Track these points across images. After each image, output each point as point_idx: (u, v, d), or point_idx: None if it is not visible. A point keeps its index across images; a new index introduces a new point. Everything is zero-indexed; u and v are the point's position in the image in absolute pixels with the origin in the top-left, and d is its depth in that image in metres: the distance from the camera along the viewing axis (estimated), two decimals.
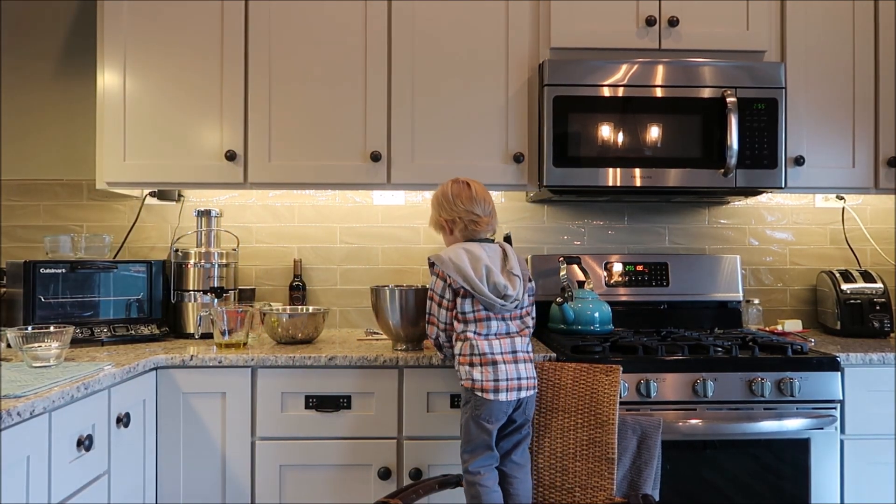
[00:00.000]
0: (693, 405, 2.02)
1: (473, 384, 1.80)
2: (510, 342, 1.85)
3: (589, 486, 1.89)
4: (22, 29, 2.71)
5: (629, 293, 2.64)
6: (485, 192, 1.95)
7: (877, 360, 2.10)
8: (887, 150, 2.46)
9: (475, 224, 1.92)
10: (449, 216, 1.94)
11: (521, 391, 1.82)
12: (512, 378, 1.81)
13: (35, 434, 1.45)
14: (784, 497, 2.04)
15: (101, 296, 2.32)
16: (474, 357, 1.81)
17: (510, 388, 1.80)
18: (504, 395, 1.79)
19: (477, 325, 1.84)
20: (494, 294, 1.82)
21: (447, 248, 1.93)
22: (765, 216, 2.81)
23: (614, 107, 2.33)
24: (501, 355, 1.82)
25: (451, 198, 1.93)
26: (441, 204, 1.95)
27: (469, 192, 1.92)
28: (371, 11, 2.38)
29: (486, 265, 1.84)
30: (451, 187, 1.95)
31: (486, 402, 1.79)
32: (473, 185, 1.94)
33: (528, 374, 1.85)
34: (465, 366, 1.83)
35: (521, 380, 1.83)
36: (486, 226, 1.93)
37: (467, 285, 1.82)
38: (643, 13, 2.39)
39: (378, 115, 2.38)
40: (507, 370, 1.81)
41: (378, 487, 2.04)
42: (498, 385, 1.79)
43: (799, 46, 2.45)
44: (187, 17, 2.37)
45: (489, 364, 1.80)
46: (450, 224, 1.94)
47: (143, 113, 2.37)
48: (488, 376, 1.80)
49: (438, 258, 1.89)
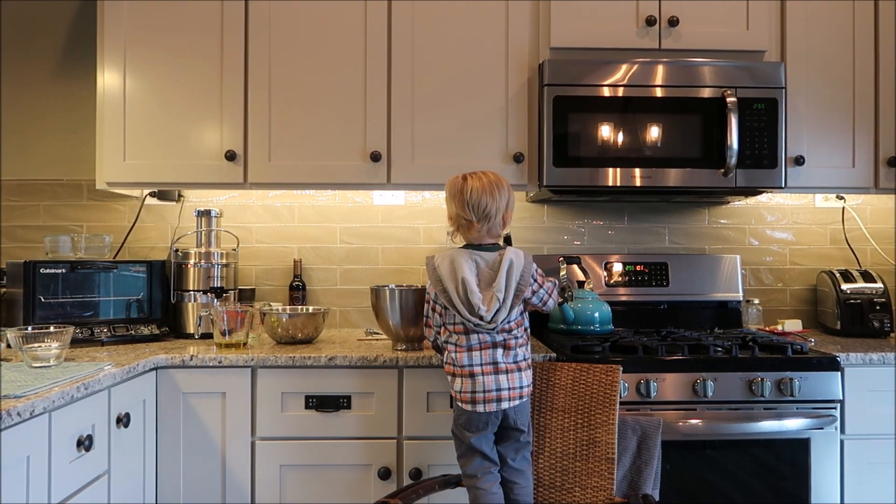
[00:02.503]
0: (693, 405, 2.02)
1: (455, 394, 1.80)
2: (491, 353, 1.78)
3: (589, 486, 1.89)
4: (22, 29, 2.71)
5: (629, 293, 2.64)
6: (485, 191, 1.78)
7: (877, 360, 2.10)
8: (887, 149, 2.46)
9: (466, 230, 1.83)
10: (448, 214, 1.87)
11: (500, 402, 1.76)
12: (490, 390, 1.75)
13: (35, 434, 1.45)
14: (784, 497, 2.03)
15: (101, 296, 2.32)
16: (455, 368, 1.79)
17: (488, 400, 1.75)
18: (482, 406, 1.75)
19: (457, 336, 1.80)
20: (469, 312, 1.74)
21: (444, 251, 1.87)
22: (765, 216, 2.81)
23: (614, 107, 2.33)
24: (481, 366, 1.77)
25: (448, 196, 1.84)
26: (446, 199, 1.87)
27: (462, 193, 1.79)
28: (371, 11, 2.38)
29: (464, 278, 1.74)
30: (450, 184, 1.84)
31: (465, 412, 1.79)
32: (470, 183, 1.79)
33: (512, 385, 1.77)
34: (448, 374, 1.82)
35: (502, 391, 1.76)
36: (478, 232, 1.80)
37: (443, 298, 1.78)
38: (643, 13, 2.39)
39: (378, 115, 2.38)
40: (485, 382, 1.75)
41: (378, 487, 2.04)
42: (475, 397, 1.76)
43: (799, 46, 2.45)
44: (187, 17, 2.37)
45: (467, 376, 1.77)
46: (450, 222, 1.87)
47: (143, 113, 2.37)
48: (466, 387, 1.77)
49: (429, 262, 1.84)
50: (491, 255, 1.81)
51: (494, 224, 1.82)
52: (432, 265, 1.83)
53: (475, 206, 1.78)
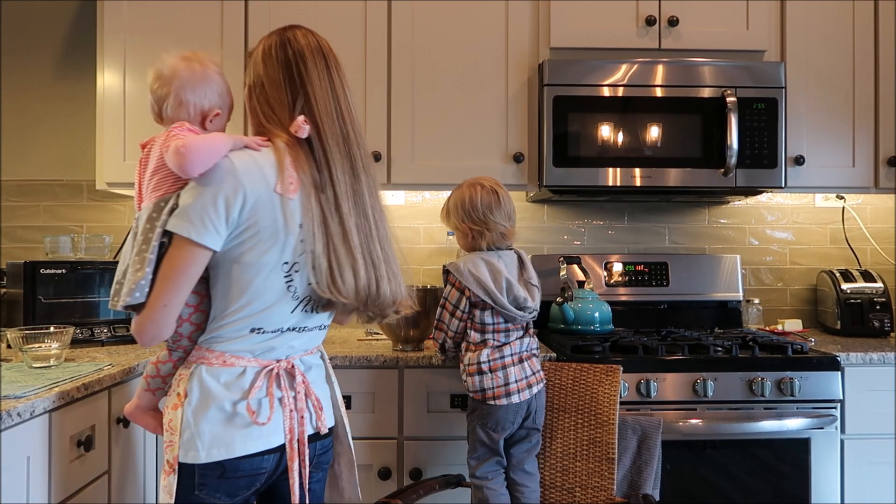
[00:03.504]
0: (693, 405, 2.02)
1: (484, 394, 1.80)
2: (518, 344, 1.87)
3: (589, 485, 1.89)
4: (22, 29, 2.71)
5: (629, 293, 2.64)
6: (508, 196, 1.90)
7: (877, 359, 2.10)
8: (887, 149, 2.46)
9: (503, 236, 1.89)
10: (476, 226, 1.87)
11: (531, 388, 1.84)
12: (521, 379, 1.82)
13: (35, 434, 1.45)
14: (784, 497, 2.04)
15: (102, 296, 2.32)
16: (483, 365, 1.81)
17: (521, 389, 1.82)
18: (516, 396, 1.81)
19: (495, 335, 1.85)
20: (514, 306, 1.83)
21: (465, 257, 1.89)
22: (765, 216, 2.81)
23: (614, 107, 2.33)
24: (511, 357, 1.83)
25: (481, 208, 1.86)
26: (468, 212, 1.87)
27: (499, 203, 1.87)
28: (371, 11, 2.38)
29: (507, 278, 1.83)
30: (481, 196, 1.86)
31: (495, 411, 1.80)
32: (501, 194, 1.88)
33: (535, 369, 1.88)
34: (473, 375, 1.82)
35: (529, 377, 1.85)
36: (513, 235, 1.91)
37: (488, 299, 1.82)
38: (643, 13, 2.39)
39: (378, 115, 2.38)
40: (515, 372, 1.82)
41: (378, 487, 2.04)
42: (509, 388, 1.80)
43: (799, 46, 2.45)
44: (187, 17, 2.37)
45: (499, 370, 1.81)
46: (475, 233, 1.88)
47: (143, 113, 2.34)
48: (499, 382, 1.80)
49: (456, 269, 1.85)
50: (510, 253, 1.92)
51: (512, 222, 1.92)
52: (462, 270, 1.84)
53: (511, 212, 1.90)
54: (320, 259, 1.33)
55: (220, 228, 1.27)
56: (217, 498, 1.33)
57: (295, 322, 1.40)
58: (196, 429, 1.32)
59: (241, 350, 1.36)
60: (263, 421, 1.33)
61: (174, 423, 1.33)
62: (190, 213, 1.27)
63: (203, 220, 1.26)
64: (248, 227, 1.29)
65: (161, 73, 1.47)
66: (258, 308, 1.34)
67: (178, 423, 1.33)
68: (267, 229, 1.30)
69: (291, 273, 1.35)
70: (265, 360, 1.38)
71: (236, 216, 1.28)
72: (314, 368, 1.49)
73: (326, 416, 1.48)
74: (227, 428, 1.32)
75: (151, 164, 1.36)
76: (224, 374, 1.34)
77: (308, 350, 1.47)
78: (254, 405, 1.33)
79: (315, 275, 1.34)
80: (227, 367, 1.35)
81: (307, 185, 1.34)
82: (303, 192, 1.33)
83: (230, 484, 1.34)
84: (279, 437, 1.37)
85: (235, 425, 1.33)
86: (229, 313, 1.34)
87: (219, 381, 1.34)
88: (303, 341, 1.44)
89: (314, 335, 1.48)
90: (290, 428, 1.37)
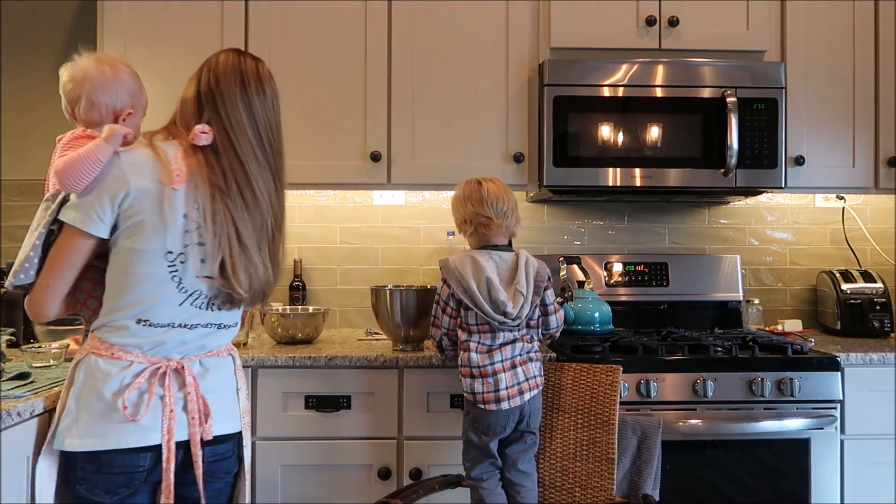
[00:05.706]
0: (693, 405, 2.02)
1: (475, 397, 1.80)
2: (510, 349, 1.82)
3: (589, 486, 1.89)
4: (22, 29, 2.71)
5: (629, 293, 2.64)
6: (501, 191, 1.87)
7: (877, 360, 2.10)
8: (887, 149, 2.46)
9: (486, 227, 1.86)
10: (461, 218, 1.91)
11: (523, 395, 1.80)
12: (512, 385, 1.79)
13: (35, 434, 1.45)
14: (784, 497, 2.04)
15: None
16: (474, 369, 1.80)
17: (511, 396, 1.78)
18: (506, 403, 1.78)
19: (480, 336, 1.82)
20: (494, 310, 1.78)
21: (458, 253, 1.90)
22: (765, 216, 2.81)
23: (614, 107, 2.33)
24: (501, 363, 1.80)
25: (463, 198, 1.89)
26: (455, 205, 1.93)
27: (480, 193, 1.86)
28: (371, 11, 2.38)
29: (488, 277, 1.78)
30: (464, 187, 1.91)
31: (486, 415, 1.79)
32: (486, 185, 1.87)
33: (529, 375, 1.83)
34: (466, 377, 1.82)
35: (521, 383, 1.80)
36: (499, 228, 1.86)
37: (466, 298, 1.79)
38: (643, 13, 2.39)
39: (378, 115, 2.38)
40: (506, 378, 1.79)
41: (378, 487, 2.04)
42: (499, 395, 1.78)
43: (799, 46, 2.45)
44: (187, 17, 2.36)
45: (489, 376, 1.79)
46: (463, 226, 1.91)
47: None
48: (489, 388, 1.78)
49: (445, 264, 1.86)
50: (508, 255, 1.87)
51: (511, 221, 1.89)
52: (449, 266, 1.85)
53: (494, 204, 1.85)
54: (212, 252, 1.39)
55: (105, 217, 1.37)
56: (96, 495, 1.36)
57: (186, 318, 1.42)
58: (76, 416, 1.37)
59: (130, 344, 1.39)
60: (136, 417, 1.36)
61: (59, 407, 1.40)
62: (77, 205, 1.38)
63: (88, 211, 1.36)
64: (131, 214, 1.37)
65: (73, 76, 1.52)
66: (141, 297, 1.38)
67: (61, 409, 1.39)
68: (150, 217, 1.37)
69: (176, 263, 1.39)
70: (155, 356, 1.41)
71: (119, 205, 1.37)
72: (214, 371, 1.49)
73: (220, 423, 1.47)
74: (102, 420, 1.36)
75: (52, 165, 1.46)
76: (109, 366, 1.38)
77: (208, 351, 1.48)
78: (131, 400, 1.36)
79: (205, 267, 1.39)
80: (114, 359, 1.39)
81: (200, 180, 1.40)
82: (190, 185, 1.39)
83: (108, 480, 1.36)
84: (156, 437, 1.38)
85: (111, 419, 1.36)
86: (115, 300, 1.39)
87: (103, 372, 1.38)
88: (197, 340, 1.45)
89: (213, 335, 1.48)
90: (169, 428, 1.39)
